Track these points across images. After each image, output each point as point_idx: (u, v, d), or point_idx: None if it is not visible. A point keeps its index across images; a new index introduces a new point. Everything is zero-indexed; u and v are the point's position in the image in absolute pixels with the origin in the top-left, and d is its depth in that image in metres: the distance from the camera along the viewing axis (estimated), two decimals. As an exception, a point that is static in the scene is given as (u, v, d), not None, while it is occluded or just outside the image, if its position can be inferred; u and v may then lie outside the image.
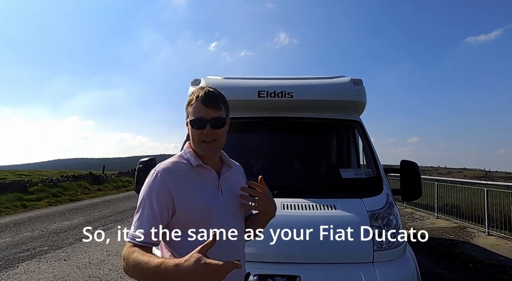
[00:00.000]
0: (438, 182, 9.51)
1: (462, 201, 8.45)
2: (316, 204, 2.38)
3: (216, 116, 1.28)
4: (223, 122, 1.31)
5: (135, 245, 1.17)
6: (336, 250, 2.18)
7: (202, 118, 1.26)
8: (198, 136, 1.28)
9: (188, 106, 1.31)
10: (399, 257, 2.27)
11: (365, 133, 3.19)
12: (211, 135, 1.27)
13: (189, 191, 1.26)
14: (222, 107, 1.31)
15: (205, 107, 1.26)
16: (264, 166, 3.27)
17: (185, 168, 1.30)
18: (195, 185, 1.29)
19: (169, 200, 1.23)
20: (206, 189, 1.31)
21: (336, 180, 2.90)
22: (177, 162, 1.31)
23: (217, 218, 1.28)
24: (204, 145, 1.29)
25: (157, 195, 1.22)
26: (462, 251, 5.89)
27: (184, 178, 1.27)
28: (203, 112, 1.26)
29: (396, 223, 2.35)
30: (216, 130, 1.28)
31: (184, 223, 1.25)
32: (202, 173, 1.32)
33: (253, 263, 2.13)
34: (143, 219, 1.21)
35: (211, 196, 1.30)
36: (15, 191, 11.50)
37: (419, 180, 2.87)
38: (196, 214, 1.25)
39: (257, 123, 3.29)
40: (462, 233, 7.35)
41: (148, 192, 1.24)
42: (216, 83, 3.26)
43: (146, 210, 1.21)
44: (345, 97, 3.18)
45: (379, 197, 2.51)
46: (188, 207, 1.24)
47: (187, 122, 1.32)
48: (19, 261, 5.10)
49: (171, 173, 1.26)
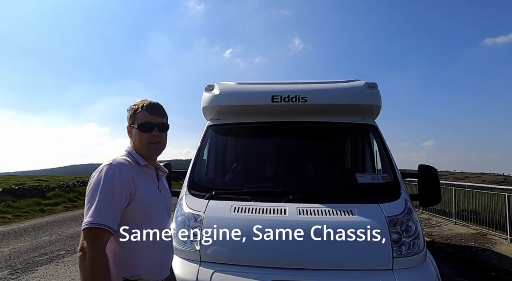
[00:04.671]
0: (455, 187, 9.24)
1: (481, 207, 8.17)
2: (332, 209, 2.35)
3: (162, 121, 1.47)
4: (166, 127, 1.50)
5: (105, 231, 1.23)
6: (354, 256, 2.14)
7: (150, 122, 1.43)
8: (146, 138, 1.42)
9: (134, 114, 1.44)
10: (419, 264, 2.20)
11: (381, 137, 3.14)
12: (158, 137, 1.44)
13: (140, 186, 1.36)
14: (165, 115, 1.51)
15: (151, 115, 1.43)
16: (278, 171, 3.25)
17: (135, 166, 1.41)
18: (144, 181, 1.41)
19: (127, 191, 1.31)
20: (152, 187, 1.45)
21: (352, 185, 2.86)
22: (128, 159, 1.42)
23: (157, 216, 1.41)
24: (151, 146, 1.44)
25: (120, 185, 1.29)
26: (483, 258, 5.67)
27: (136, 174, 1.38)
28: (150, 118, 1.43)
29: (415, 230, 2.29)
30: (162, 133, 1.46)
31: (132, 217, 1.33)
32: (147, 173, 1.46)
33: (269, 269, 2.12)
34: (106, 206, 1.26)
35: (155, 194, 1.45)
36: (33, 196, 11.82)
37: (438, 186, 2.80)
38: (145, 208, 1.36)
39: (271, 128, 3.30)
40: (483, 240, 7.09)
41: (109, 182, 1.29)
42: (230, 88, 3.29)
43: (109, 198, 1.27)
44: (359, 101, 3.15)
45: (397, 202, 2.46)
46: (140, 200, 1.34)
47: (129, 129, 1.46)
48: (38, 265, 5.21)
49: (126, 167, 1.36)
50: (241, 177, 3.17)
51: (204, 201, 2.51)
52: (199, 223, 2.31)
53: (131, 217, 1.32)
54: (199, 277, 2.08)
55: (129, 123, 1.46)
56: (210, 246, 2.20)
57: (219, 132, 3.46)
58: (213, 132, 3.38)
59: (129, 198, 1.32)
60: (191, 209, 2.45)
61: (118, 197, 1.28)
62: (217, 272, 2.10)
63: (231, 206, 2.41)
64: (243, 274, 2.08)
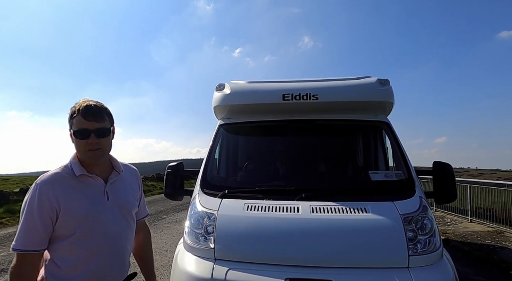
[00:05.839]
0: (470, 184, 9.04)
1: (497, 204, 7.97)
2: (346, 207, 2.33)
3: (100, 127, 1.37)
4: (107, 132, 1.40)
5: (28, 255, 1.28)
6: (369, 254, 2.12)
7: (86, 129, 1.34)
8: (84, 146, 1.36)
9: (71, 119, 1.37)
10: (436, 262, 2.17)
11: (393, 134, 3.10)
12: (96, 144, 1.36)
13: (68, 200, 1.33)
14: (105, 119, 1.40)
15: (87, 120, 1.34)
16: (290, 169, 3.25)
17: (67, 178, 1.37)
18: (76, 193, 1.36)
19: (52, 212, 1.30)
20: (88, 196, 1.38)
21: (366, 183, 2.83)
22: (59, 173, 1.38)
23: (101, 223, 1.37)
24: (90, 153, 1.37)
25: (38, 207, 1.29)
26: (500, 257, 5.54)
27: (64, 188, 1.34)
28: (86, 124, 1.34)
29: (431, 227, 2.25)
30: (101, 139, 1.37)
31: (61, 232, 1.33)
32: (86, 181, 1.40)
33: (284, 266, 2.12)
34: (27, 230, 1.29)
35: (94, 203, 1.38)
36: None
37: (454, 182, 2.75)
38: (74, 222, 1.33)
39: (283, 126, 3.29)
40: (500, 238, 6.93)
41: (30, 205, 1.30)
42: (240, 87, 3.30)
43: (31, 222, 1.29)
44: (372, 98, 3.12)
45: (412, 200, 2.43)
46: (69, 215, 1.32)
47: (70, 133, 1.39)
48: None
49: (50, 184, 1.33)
50: (253, 176, 3.18)
51: (217, 200, 2.53)
52: (212, 222, 2.33)
53: (60, 232, 1.33)
54: (213, 274, 2.10)
55: (68, 126, 1.39)
56: (224, 244, 2.22)
57: (230, 131, 3.48)
58: (225, 131, 3.39)
59: (55, 216, 1.31)
60: (204, 207, 2.47)
61: (39, 219, 1.28)
62: (231, 269, 2.12)
63: (244, 204, 2.43)
64: (257, 271, 2.09)
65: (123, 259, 1.49)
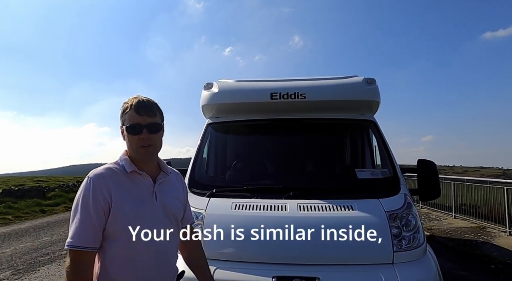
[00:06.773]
0: (455, 181, 9.28)
1: (480, 201, 8.22)
2: (332, 205, 2.36)
3: (152, 121, 1.34)
4: (158, 127, 1.37)
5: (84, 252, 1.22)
6: (355, 251, 2.15)
7: (139, 123, 1.31)
8: (136, 142, 1.32)
9: (123, 115, 1.35)
10: (419, 258, 2.22)
11: (380, 133, 3.15)
12: (148, 140, 1.33)
13: (120, 196, 1.29)
14: (156, 114, 1.38)
15: (139, 115, 1.32)
16: (278, 168, 3.27)
17: (119, 174, 1.34)
18: (127, 190, 1.32)
19: (105, 206, 1.26)
20: (138, 195, 1.35)
21: (352, 181, 2.87)
22: (111, 168, 1.35)
23: (147, 223, 1.32)
24: (142, 149, 1.33)
25: (93, 201, 1.25)
26: (483, 252, 5.72)
27: (116, 184, 1.31)
28: (138, 119, 1.31)
29: (415, 224, 2.30)
30: (153, 135, 1.34)
31: (112, 230, 1.28)
32: (136, 180, 1.36)
33: (272, 265, 2.14)
34: (84, 226, 1.24)
35: (143, 202, 1.34)
36: (33, 197, 11.82)
37: (438, 180, 2.82)
38: (123, 220, 1.28)
39: (270, 125, 3.30)
40: (482, 233, 7.14)
41: (85, 198, 1.26)
42: (228, 86, 3.29)
43: (86, 217, 1.24)
44: (358, 97, 3.16)
45: (397, 197, 2.48)
46: (119, 211, 1.28)
47: (122, 130, 1.36)
48: (40, 265, 5.23)
49: (104, 179, 1.29)
50: (241, 175, 3.18)
51: (205, 199, 2.52)
52: (200, 221, 2.33)
53: (111, 230, 1.28)
54: (201, 274, 2.09)
55: (120, 123, 1.38)
56: (212, 243, 2.21)
57: (218, 130, 3.47)
58: (213, 130, 3.38)
59: (107, 208, 1.27)
60: (192, 207, 2.45)
61: (95, 214, 1.24)
62: (219, 269, 2.12)
63: (232, 203, 2.43)
64: (245, 270, 2.09)
65: (171, 262, 1.47)
